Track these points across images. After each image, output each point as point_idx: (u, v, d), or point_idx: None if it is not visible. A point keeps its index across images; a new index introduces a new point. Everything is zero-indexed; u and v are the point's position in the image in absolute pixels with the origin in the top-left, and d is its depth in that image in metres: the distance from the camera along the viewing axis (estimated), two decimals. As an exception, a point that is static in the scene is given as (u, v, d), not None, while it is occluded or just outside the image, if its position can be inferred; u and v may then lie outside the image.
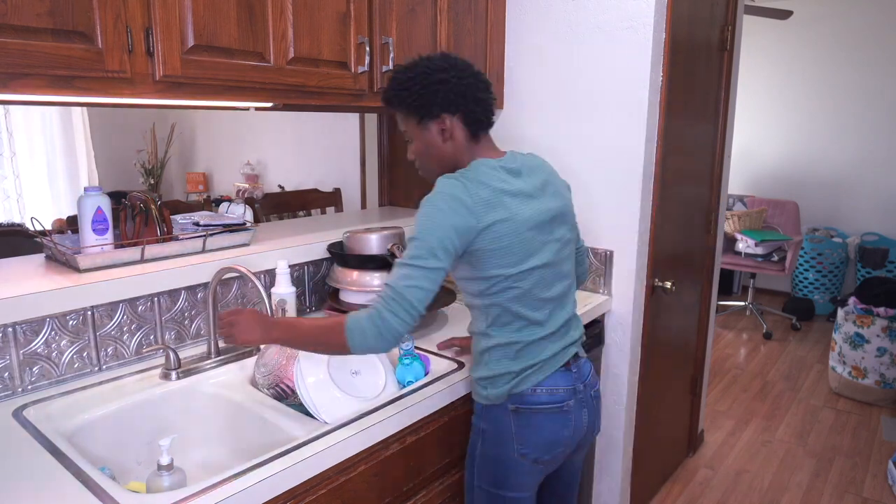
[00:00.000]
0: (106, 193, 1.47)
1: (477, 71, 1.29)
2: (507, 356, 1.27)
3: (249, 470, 1.01)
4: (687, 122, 2.23)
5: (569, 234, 1.35)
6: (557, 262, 1.30)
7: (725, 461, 2.85)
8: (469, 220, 1.17)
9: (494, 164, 1.25)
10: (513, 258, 1.22)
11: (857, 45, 4.77)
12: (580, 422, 1.32)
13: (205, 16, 1.24)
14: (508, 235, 1.20)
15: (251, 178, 4.40)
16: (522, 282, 1.24)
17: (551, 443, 1.29)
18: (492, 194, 1.20)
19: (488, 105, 1.28)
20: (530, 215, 1.24)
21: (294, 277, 1.77)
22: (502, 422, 1.28)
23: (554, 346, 1.29)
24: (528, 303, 1.26)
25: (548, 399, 1.27)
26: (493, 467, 1.31)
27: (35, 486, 0.98)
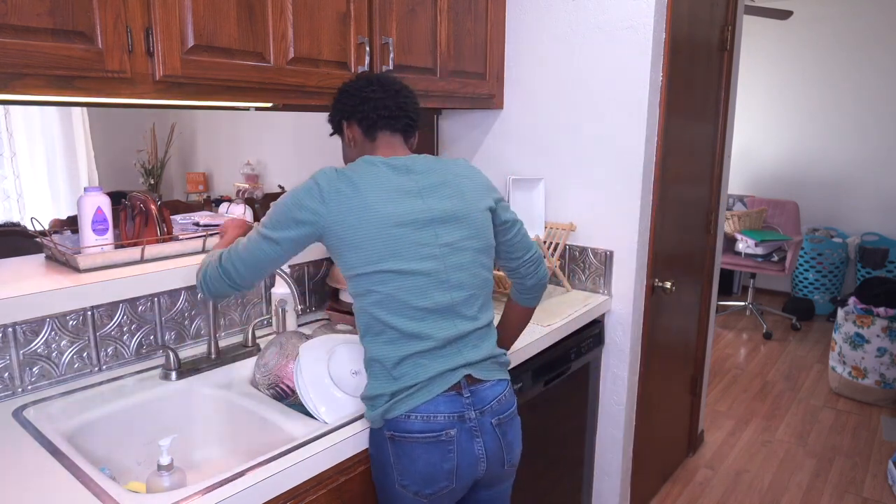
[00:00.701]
0: (106, 193, 1.47)
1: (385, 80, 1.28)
2: (383, 373, 1.15)
3: (249, 470, 1.01)
4: (687, 122, 2.23)
5: (471, 242, 1.21)
6: (440, 271, 1.17)
7: (725, 461, 2.85)
8: (313, 214, 1.13)
9: (377, 160, 1.20)
10: (367, 255, 1.13)
11: (857, 45, 4.77)
12: (469, 454, 1.16)
13: (205, 16, 1.24)
14: (363, 228, 1.13)
15: (251, 178, 4.39)
16: (384, 285, 1.14)
17: (430, 476, 1.14)
18: (349, 187, 1.15)
19: (383, 104, 1.24)
20: (400, 211, 1.15)
21: (294, 277, 1.77)
22: (382, 449, 1.16)
23: (434, 367, 1.15)
24: (397, 310, 1.14)
25: (422, 427, 1.13)
26: (383, 498, 1.21)
27: (35, 487, 0.97)
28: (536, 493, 1.83)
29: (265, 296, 1.71)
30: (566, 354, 1.83)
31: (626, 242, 1.96)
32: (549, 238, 2.04)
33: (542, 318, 1.78)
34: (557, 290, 2.07)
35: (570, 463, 2.01)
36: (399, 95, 1.27)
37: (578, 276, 2.08)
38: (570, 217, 2.05)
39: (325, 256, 1.84)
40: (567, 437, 1.96)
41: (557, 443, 1.91)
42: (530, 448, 1.63)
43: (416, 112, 1.29)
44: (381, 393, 1.14)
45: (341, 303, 1.71)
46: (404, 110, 1.26)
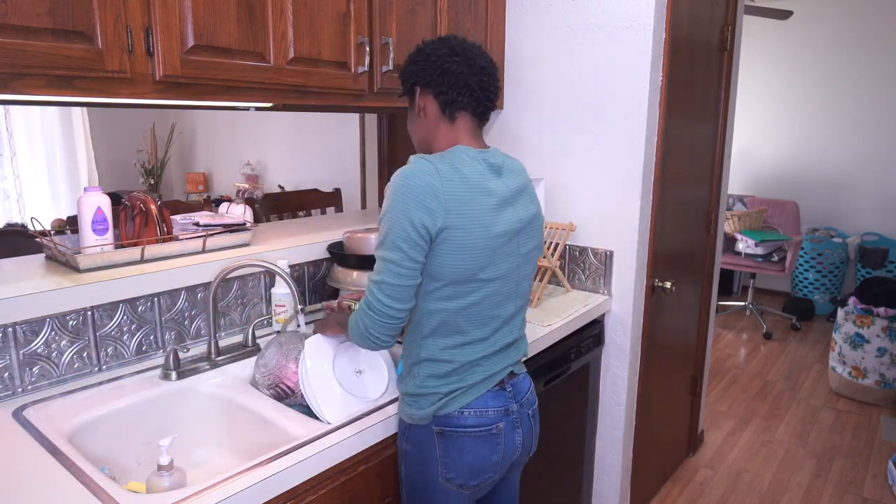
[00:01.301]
0: (106, 193, 1.47)
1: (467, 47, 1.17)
2: (436, 374, 1.15)
3: (249, 470, 1.01)
4: (687, 122, 2.23)
5: (536, 248, 1.24)
6: (517, 279, 1.19)
7: (725, 461, 2.85)
8: (434, 211, 1.06)
9: (476, 154, 1.15)
10: (470, 264, 1.10)
11: (857, 45, 4.77)
12: (512, 445, 1.21)
13: (205, 16, 1.24)
14: (471, 238, 1.09)
15: (251, 178, 4.40)
16: (473, 294, 1.12)
17: (479, 468, 1.17)
18: (466, 187, 1.09)
19: (467, 81, 1.14)
20: (501, 221, 1.13)
21: (294, 277, 1.77)
22: (426, 444, 1.16)
23: (491, 367, 1.18)
24: (474, 318, 1.14)
25: (475, 422, 1.15)
26: (419, 493, 1.20)
27: (35, 486, 0.97)
28: (536, 493, 1.83)
29: (265, 296, 1.71)
30: (566, 354, 1.83)
31: (626, 242, 1.96)
32: (549, 238, 2.04)
33: (542, 318, 1.78)
34: (557, 290, 2.07)
35: (570, 463, 2.01)
36: (483, 73, 1.16)
37: (578, 276, 2.08)
38: (570, 217, 2.05)
39: (326, 257, 1.84)
40: (567, 437, 1.96)
41: (557, 443, 1.91)
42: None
43: (497, 94, 1.21)
44: (433, 392, 1.14)
45: (341, 303, 1.71)
46: (487, 92, 1.17)
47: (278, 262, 1.62)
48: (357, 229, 1.76)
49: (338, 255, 1.75)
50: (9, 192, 4.45)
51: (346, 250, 1.74)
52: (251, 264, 1.44)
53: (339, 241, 1.81)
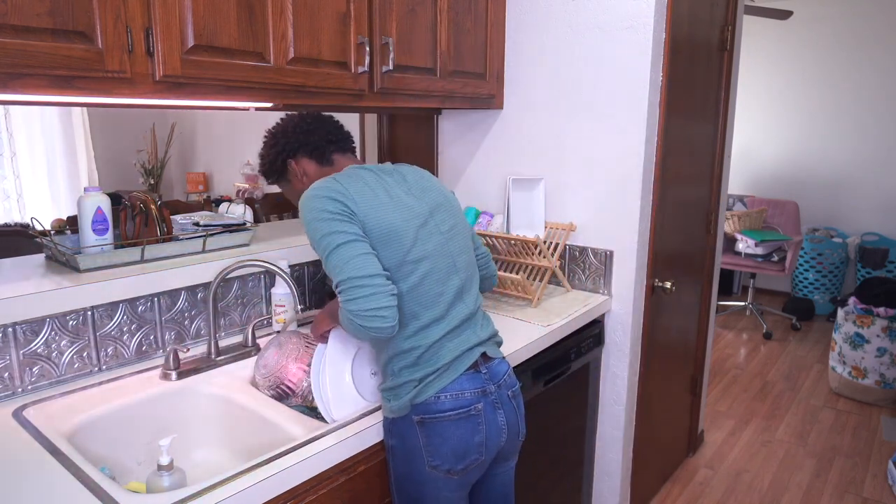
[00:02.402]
0: (106, 193, 1.47)
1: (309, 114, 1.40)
2: (407, 364, 1.19)
3: (249, 470, 1.01)
4: (687, 122, 2.23)
5: (458, 228, 1.30)
6: (449, 254, 1.25)
7: (725, 461, 2.85)
8: (348, 202, 1.15)
9: (360, 166, 1.28)
10: (397, 247, 1.17)
11: (857, 45, 4.77)
12: (495, 425, 1.22)
13: (205, 16, 1.24)
14: (389, 225, 1.17)
15: (251, 178, 4.40)
16: (411, 276, 1.18)
17: (463, 451, 1.19)
18: (363, 184, 1.20)
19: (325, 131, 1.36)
20: (409, 205, 1.22)
21: (294, 277, 1.78)
22: (409, 435, 1.19)
23: (455, 347, 1.21)
24: (423, 298, 1.19)
25: (453, 405, 1.18)
26: (409, 486, 1.22)
27: (35, 486, 0.98)
28: (536, 493, 1.83)
29: (265, 296, 1.71)
30: (566, 354, 1.83)
31: (626, 242, 1.96)
32: (549, 238, 2.04)
33: (542, 318, 1.78)
34: (557, 290, 2.07)
35: (570, 463, 2.01)
36: (332, 121, 1.39)
37: (578, 276, 2.08)
38: (570, 217, 2.05)
39: (325, 256, 1.83)
40: (567, 437, 1.96)
41: (557, 443, 1.91)
42: (530, 448, 1.63)
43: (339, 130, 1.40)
44: (407, 380, 1.18)
45: (341, 303, 1.71)
46: (344, 132, 1.39)
47: (278, 262, 1.62)
48: (357, 229, 1.75)
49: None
50: (9, 192, 4.45)
51: (346, 250, 1.73)
52: (251, 264, 1.44)
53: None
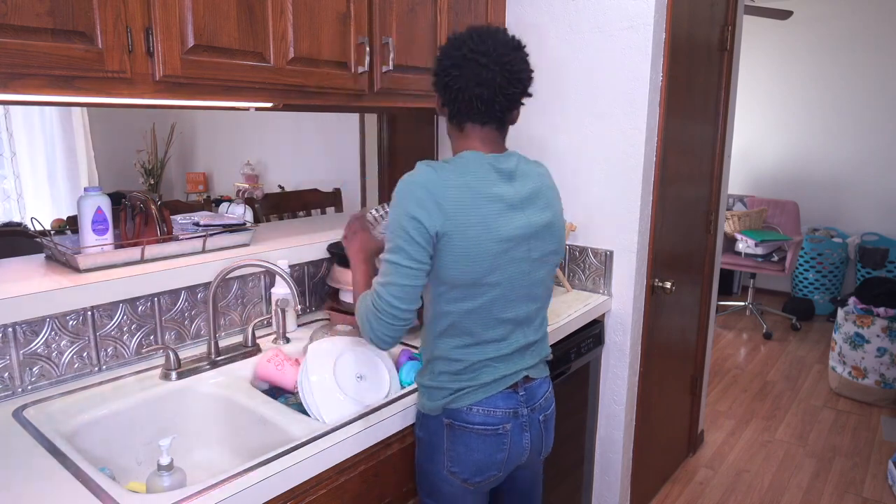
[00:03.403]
0: (106, 193, 1.47)
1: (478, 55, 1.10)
2: (448, 371, 1.19)
3: (249, 470, 1.01)
4: (687, 122, 2.23)
5: (553, 254, 1.23)
6: (529, 284, 1.19)
7: (725, 461, 2.85)
8: (432, 213, 1.08)
9: (485, 159, 1.15)
10: (475, 269, 1.11)
11: (857, 45, 4.77)
12: (519, 446, 1.23)
13: (205, 16, 1.24)
14: (475, 244, 1.10)
15: (251, 178, 4.40)
16: (479, 297, 1.14)
17: (483, 465, 1.20)
18: (468, 193, 1.10)
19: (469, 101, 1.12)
20: (507, 227, 1.13)
21: (294, 277, 1.77)
22: (436, 434, 1.21)
23: (500, 370, 1.19)
24: (483, 321, 1.16)
25: (482, 420, 1.18)
26: (426, 479, 1.25)
27: (35, 486, 0.98)
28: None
29: (265, 296, 1.71)
30: (566, 354, 1.83)
31: (626, 242, 1.96)
32: (549, 238, 2.03)
33: (542, 318, 1.78)
34: (558, 290, 2.07)
35: (570, 463, 2.01)
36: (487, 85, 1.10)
37: (578, 276, 2.08)
38: (570, 217, 2.05)
39: (326, 257, 1.84)
40: (567, 437, 1.96)
41: (557, 443, 1.90)
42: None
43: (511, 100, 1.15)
44: (443, 387, 1.19)
45: (341, 303, 1.71)
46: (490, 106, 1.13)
47: (278, 262, 1.62)
48: (357, 229, 1.75)
49: (338, 255, 1.75)
50: (9, 192, 4.45)
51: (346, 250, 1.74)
52: (251, 264, 1.44)
53: (339, 241, 1.80)
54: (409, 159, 2.69)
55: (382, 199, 2.62)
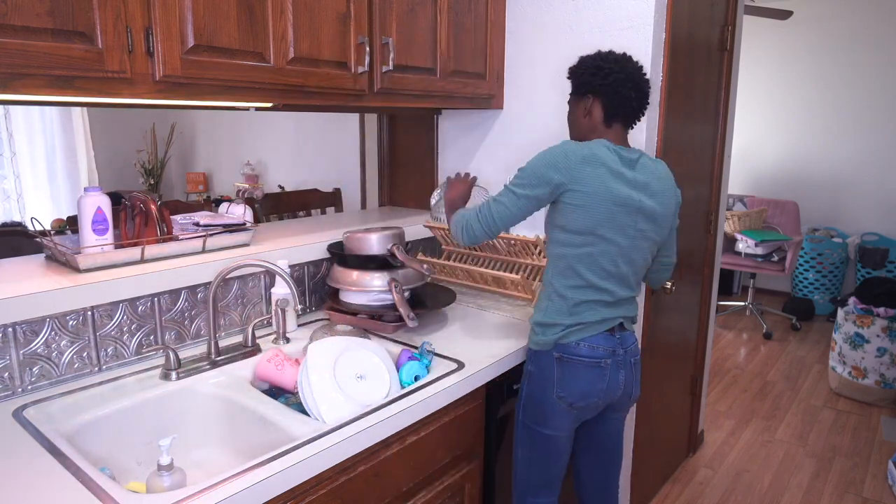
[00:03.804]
0: (106, 193, 1.47)
1: (635, 71, 1.44)
2: (562, 308, 1.44)
3: (249, 470, 1.01)
4: (687, 121, 2.23)
5: (652, 234, 1.46)
6: (629, 248, 1.43)
7: (725, 461, 2.85)
8: (563, 175, 1.37)
9: (612, 146, 1.41)
10: (589, 220, 1.38)
11: (857, 45, 4.77)
12: (615, 379, 1.47)
13: (205, 16, 1.24)
14: (593, 199, 1.36)
15: (251, 178, 4.40)
16: (590, 246, 1.40)
17: (587, 392, 1.45)
18: (593, 161, 1.37)
19: (627, 101, 1.44)
20: (621, 195, 1.38)
21: (294, 277, 1.78)
22: (547, 367, 1.45)
23: (603, 312, 1.44)
24: (592, 268, 1.41)
25: (588, 353, 1.43)
26: (535, 407, 1.49)
27: (35, 487, 0.98)
28: (536, 493, 1.82)
29: (265, 296, 1.71)
30: (566, 354, 1.83)
31: (626, 242, 1.96)
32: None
33: (542, 318, 1.78)
34: (557, 290, 2.07)
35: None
36: (644, 97, 1.47)
37: (578, 276, 2.08)
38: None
39: (326, 257, 1.84)
40: (567, 437, 1.96)
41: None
42: (530, 448, 1.62)
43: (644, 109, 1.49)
44: (558, 322, 1.44)
45: (341, 303, 1.71)
46: (640, 110, 1.48)
47: (278, 262, 1.62)
48: (357, 229, 1.76)
49: (338, 255, 1.75)
50: (9, 192, 4.45)
51: (346, 250, 1.74)
52: (251, 264, 1.44)
53: (339, 241, 1.81)
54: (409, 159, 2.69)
55: (382, 200, 2.62)
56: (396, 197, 2.56)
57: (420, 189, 2.44)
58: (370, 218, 2.27)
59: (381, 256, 1.67)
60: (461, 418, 1.44)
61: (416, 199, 2.45)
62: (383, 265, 1.68)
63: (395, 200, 2.56)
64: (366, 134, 3.47)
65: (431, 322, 1.75)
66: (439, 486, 1.41)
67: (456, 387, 1.38)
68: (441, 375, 1.40)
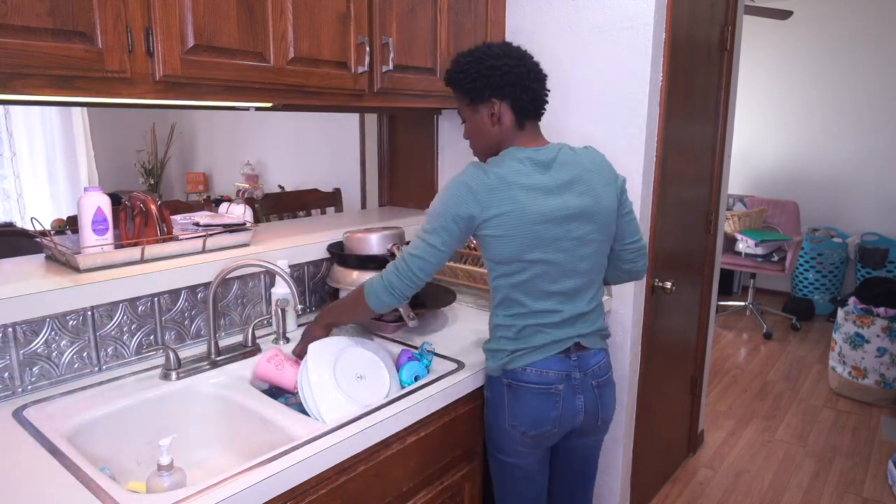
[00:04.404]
0: (106, 193, 1.47)
1: (533, 62, 1.33)
2: (506, 335, 1.35)
3: (249, 470, 1.01)
4: (687, 122, 2.23)
5: (595, 234, 1.35)
6: (569, 260, 1.33)
7: (725, 461, 2.85)
8: (472, 209, 1.27)
9: (522, 155, 1.31)
10: (513, 248, 1.28)
11: (857, 45, 4.77)
12: (571, 406, 1.36)
13: (205, 16, 1.24)
14: (511, 227, 1.27)
15: (251, 178, 4.40)
16: (522, 273, 1.31)
17: (538, 420, 1.35)
18: (501, 186, 1.27)
19: (537, 95, 1.33)
20: (542, 210, 1.28)
21: (294, 277, 1.78)
22: (498, 394, 1.38)
23: (551, 335, 1.34)
24: (530, 293, 1.32)
25: (536, 380, 1.34)
26: (493, 434, 1.42)
27: (35, 486, 0.98)
28: (536, 493, 1.82)
29: (265, 296, 1.71)
30: (566, 354, 1.83)
31: (626, 242, 1.96)
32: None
33: (542, 318, 1.78)
34: (557, 290, 2.07)
35: (570, 463, 2.01)
36: (543, 85, 1.35)
37: (578, 276, 2.08)
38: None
39: (326, 257, 1.84)
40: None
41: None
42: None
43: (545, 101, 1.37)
44: (502, 349, 1.36)
45: (341, 303, 1.71)
46: (545, 99, 1.36)
47: (278, 262, 1.62)
48: (357, 229, 1.76)
49: (338, 255, 1.75)
50: (9, 192, 4.45)
51: (346, 250, 1.74)
52: (251, 264, 1.44)
53: (339, 241, 1.81)
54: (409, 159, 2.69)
55: (382, 200, 2.62)
56: (396, 197, 2.56)
57: (420, 189, 2.44)
58: (370, 218, 2.27)
59: (381, 256, 1.67)
60: (461, 418, 1.44)
61: (416, 199, 2.45)
62: (383, 265, 1.67)
63: (395, 200, 2.56)
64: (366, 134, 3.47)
65: (431, 322, 1.75)
66: (439, 486, 1.42)
67: (456, 387, 1.38)
68: (441, 375, 1.40)
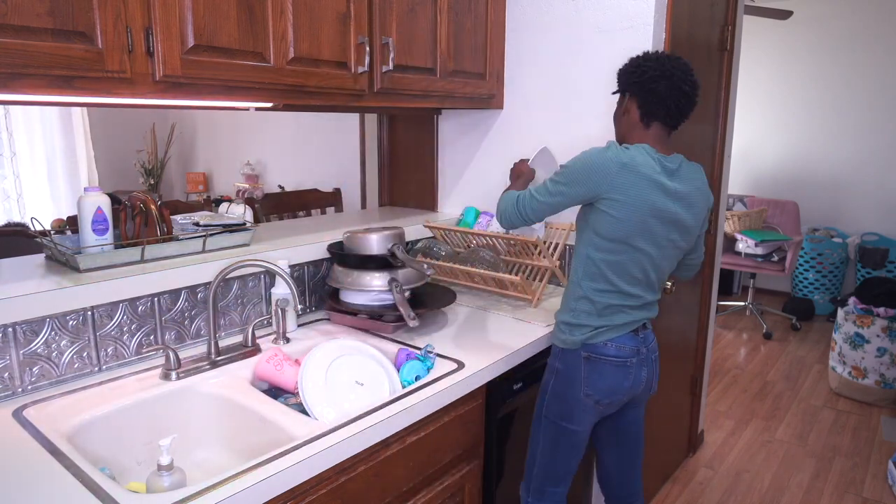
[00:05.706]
0: (106, 193, 1.47)
1: (679, 74, 1.41)
2: (590, 311, 1.48)
3: (249, 470, 1.01)
4: (687, 122, 2.22)
5: (682, 243, 1.50)
6: (659, 257, 1.47)
7: (725, 461, 2.85)
8: (599, 188, 1.38)
9: (655, 154, 1.41)
10: (623, 230, 1.40)
11: (858, 45, 4.77)
12: (639, 377, 1.54)
13: (205, 16, 1.24)
14: (629, 210, 1.38)
15: (251, 178, 4.40)
16: (622, 254, 1.43)
17: (613, 389, 1.51)
18: (632, 168, 1.37)
19: (663, 100, 1.42)
20: (658, 206, 1.40)
21: (294, 277, 1.78)
22: (575, 365, 1.50)
23: (630, 315, 1.49)
24: (622, 274, 1.45)
25: (615, 353, 1.49)
26: (561, 403, 1.53)
27: (35, 486, 0.98)
28: (536, 493, 1.82)
29: (265, 296, 1.71)
30: (566, 354, 1.83)
31: (626, 242, 1.96)
32: (549, 238, 2.04)
33: (542, 319, 1.78)
34: (558, 290, 2.07)
35: (570, 463, 2.00)
36: (683, 96, 1.43)
37: (578, 276, 2.08)
38: (571, 217, 2.05)
39: (326, 257, 1.84)
40: (567, 437, 1.96)
41: (557, 443, 1.90)
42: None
43: (690, 113, 1.47)
44: (587, 324, 1.48)
45: (341, 303, 1.71)
46: (681, 111, 1.45)
47: (278, 262, 1.62)
48: (357, 229, 1.76)
49: (338, 254, 1.75)
50: (9, 192, 4.45)
51: (346, 250, 1.74)
52: (251, 264, 1.44)
53: (339, 241, 1.81)
54: (409, 159, 2.69)
55: (382, 200, 2.63)
56: (396, 197, 2.56)
57: (420, 189, 2.44)
58: (370, 218, 2.27)
59: (380, 256, 1.67)
60: (461, 418, 1.44)
61: (416, 199, 2.46)
62: (383, 265, 1.68)
63: (395, 200, 2.56)
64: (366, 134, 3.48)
65: (431, 322, 1.75)
66: (439, 486, 1.41)
67: (456, 387, 1.38)
68: (441, 375, 1.40)
